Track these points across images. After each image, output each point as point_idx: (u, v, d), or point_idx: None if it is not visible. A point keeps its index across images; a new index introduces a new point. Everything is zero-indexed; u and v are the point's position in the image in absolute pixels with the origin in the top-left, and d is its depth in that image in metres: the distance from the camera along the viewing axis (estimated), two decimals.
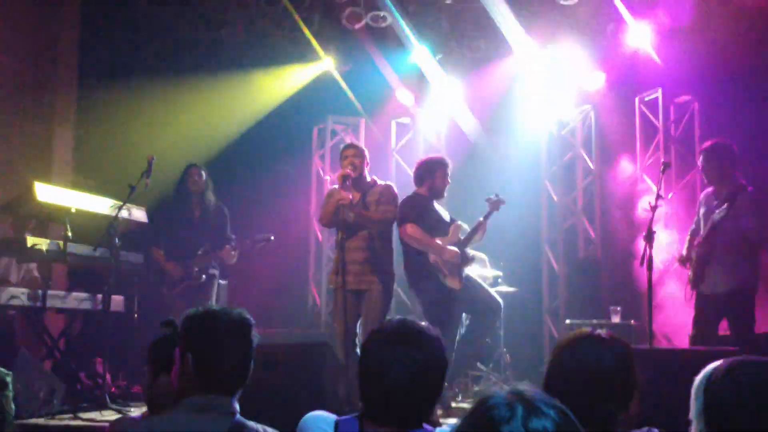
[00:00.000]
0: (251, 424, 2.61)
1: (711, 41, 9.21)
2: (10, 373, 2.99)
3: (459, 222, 7.35)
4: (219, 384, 2.64)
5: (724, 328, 6.98)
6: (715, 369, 2.23)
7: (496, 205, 7.60)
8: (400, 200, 7.08)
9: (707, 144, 6.95)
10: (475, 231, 7.35)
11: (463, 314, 7.40)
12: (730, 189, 6.60)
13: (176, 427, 2.58)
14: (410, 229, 7.07)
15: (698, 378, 2.27)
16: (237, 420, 2.60)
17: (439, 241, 7.12)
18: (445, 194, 7.44)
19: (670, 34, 9.45)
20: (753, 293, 6.63)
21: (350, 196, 6.74)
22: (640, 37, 9.61)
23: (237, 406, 2.66)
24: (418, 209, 7.18)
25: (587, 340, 2.58)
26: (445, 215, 7.40)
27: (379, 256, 6.83)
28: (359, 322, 6.76)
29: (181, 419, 2.58)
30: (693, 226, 7.14)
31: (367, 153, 7.11)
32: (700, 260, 6.67)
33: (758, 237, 6.58)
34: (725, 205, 6.38)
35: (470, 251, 7.38)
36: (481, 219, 7.43)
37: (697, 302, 6.81)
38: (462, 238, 7.28)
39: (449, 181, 7.39)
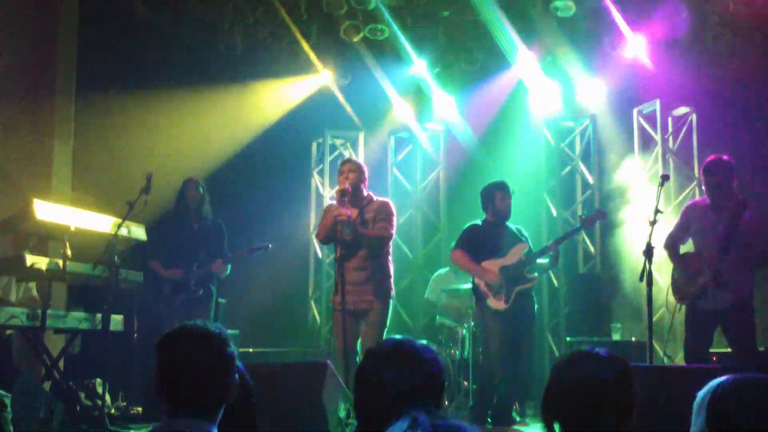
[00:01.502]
0: None
1: (708, 53, 9.23)
2: (9, 395, 2.94)
3: (524, 243, 7.37)
4: (182, 406, 2.46)
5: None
6: (720, 385, 2.22)
7: (590, 221, 7.72)
8: (396, 218, 7.10)
9: (710, 160, 6.82)
10: (541, 252, 7.36)
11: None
12: (731, 205, 6.56)
13: None
14: (454, 255, 7.52)
15: (701, 393, 2.26)
16: None
17: (487, 264, 7.27)
18: (510, 214, 7.46)
19: (667, 46, 9.46)
20: (752, 307, 6.60)
21: (348, 212, 6.71)
22: (638, 49, 9.62)
23: (211, 430, 2.46)
24: (470, 235, 7.43)
25: (586, 358, 2.57)
26: (514, 237, 7.40)
27: (379, 275, 6.81)
28: (359, 342, 6.76)
29: None
30: (670, 239, 6.99)
31: (364, 168, 7.08)
32: (714, 277, 6.54)
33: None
34: (753, 223, 6.35)
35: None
36: (551, 243, 7.48)
37: (694, 317, 6.72)
38: (525, 258, 7.29)
39: (509, 201, 7.44)
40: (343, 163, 7.22)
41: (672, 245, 6.98)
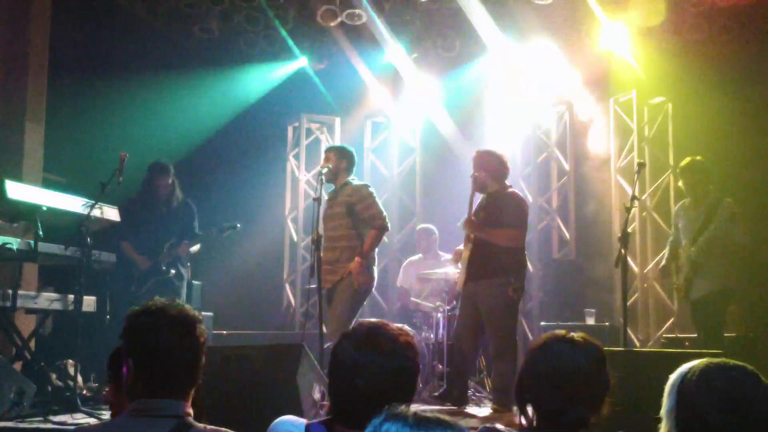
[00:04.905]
0: (199, 425, 2.43)
1: (685, 42, 9.28)
2: None
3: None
4: (163, 387, 2.45)
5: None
6: (690, 369, 2.23)
7: (222, 230, 7.73)
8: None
9: (685, 162, 6.92)
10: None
11: None
12: (708, 201, 6.71)
13: None
14: None
15: (673, 376, 2.27)
16: (182, 421, 2.41)
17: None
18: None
19: (644, 36, 9.50)
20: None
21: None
22: (615, 38, 9.64)
23: (187, 409, 2.46)
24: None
25: (560, 343, 2.57)
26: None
27: (350, 254, 6.88)
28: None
29: (122, 424, 2.46)
30: (671, 237, 7.26)
31: (346, 153, 7.14)
32: (693, 269, 6.71)
33: (744, 242, 6.68)
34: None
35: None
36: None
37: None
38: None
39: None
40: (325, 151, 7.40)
41: (671, 246, 7.32)
